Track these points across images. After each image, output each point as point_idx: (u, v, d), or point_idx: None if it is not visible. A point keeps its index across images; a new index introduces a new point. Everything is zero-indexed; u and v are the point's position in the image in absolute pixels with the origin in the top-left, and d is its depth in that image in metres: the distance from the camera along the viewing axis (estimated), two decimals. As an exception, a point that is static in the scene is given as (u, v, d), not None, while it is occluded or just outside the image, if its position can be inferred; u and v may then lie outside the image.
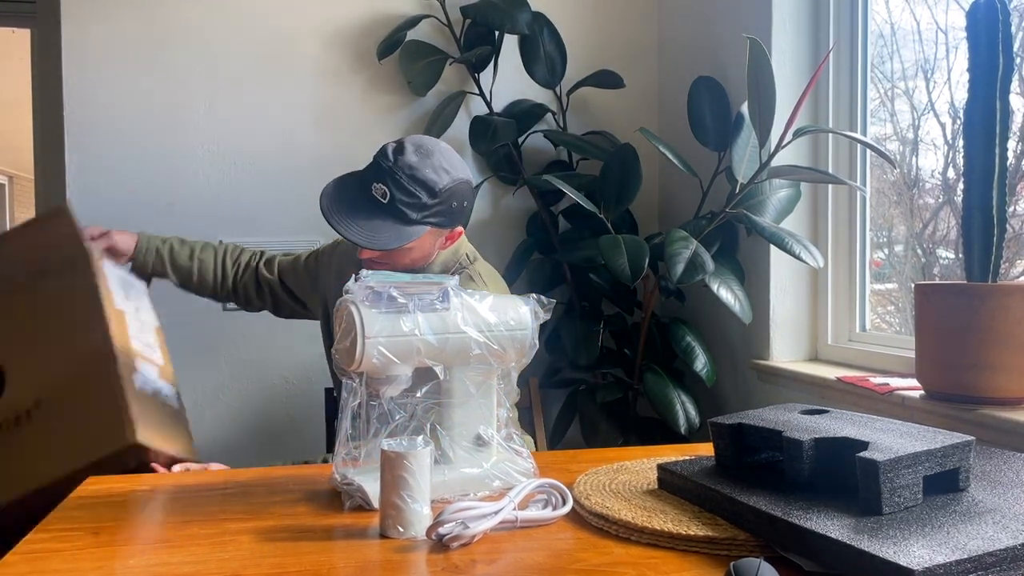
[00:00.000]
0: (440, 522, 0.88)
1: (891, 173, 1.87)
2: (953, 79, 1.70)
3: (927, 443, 0.86)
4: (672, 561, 0.84)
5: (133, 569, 0.84)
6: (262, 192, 2.17)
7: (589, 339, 2.07)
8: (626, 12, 2.41)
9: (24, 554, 0.89)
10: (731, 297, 1.80)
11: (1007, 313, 1.22)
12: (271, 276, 1.66)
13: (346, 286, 1.08)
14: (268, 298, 1.69)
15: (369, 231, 1.30)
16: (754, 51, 1.64)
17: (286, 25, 2.19)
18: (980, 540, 0.73)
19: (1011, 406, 1.24)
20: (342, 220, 1.30)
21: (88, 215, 2.10)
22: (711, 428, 1.03)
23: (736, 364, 2.05)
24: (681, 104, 2.06)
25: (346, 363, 1.03)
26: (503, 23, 2.06)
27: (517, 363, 1.12)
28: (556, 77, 2.19)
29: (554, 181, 1.90)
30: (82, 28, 2.08)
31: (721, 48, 2.08)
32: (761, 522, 0.84)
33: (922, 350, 1.34)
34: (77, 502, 1.09)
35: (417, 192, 1.31)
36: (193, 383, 2.14)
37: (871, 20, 1.82)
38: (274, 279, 1.66)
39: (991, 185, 1.25)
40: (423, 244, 1.37)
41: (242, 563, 0.85)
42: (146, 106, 2.12)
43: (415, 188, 1.31)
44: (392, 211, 1.31)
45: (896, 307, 1.89)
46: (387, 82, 2.24)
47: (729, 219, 1.86)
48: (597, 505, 0.97)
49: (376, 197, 1.31)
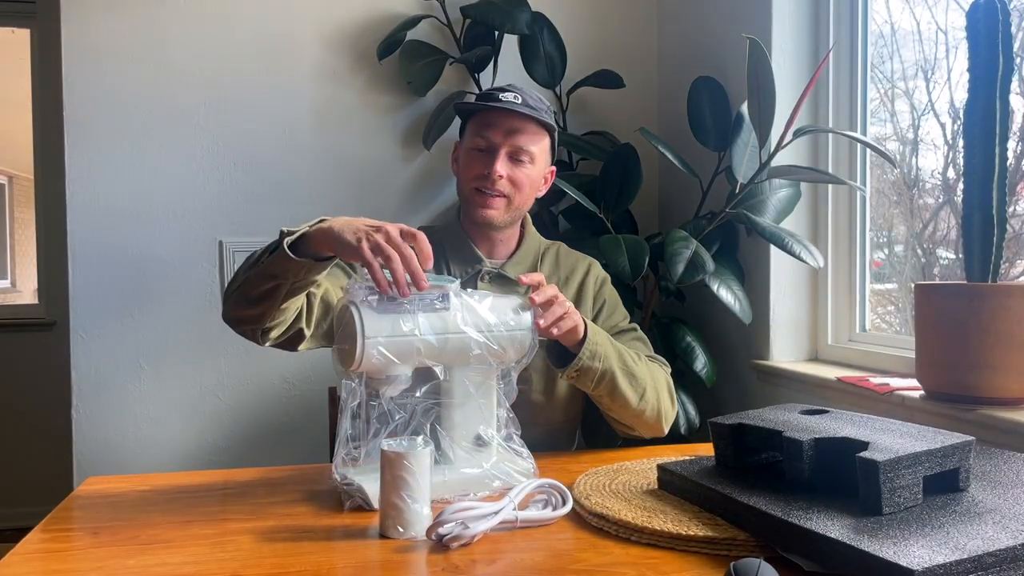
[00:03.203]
0: (440, 522, 0.88)
1: (891, 173, 1.87)
2: (953, 79, 1.70)
3: (927, 443, 0.86)
4: (672, 561, 0.84)
5: (133, 569, 0.84)
6: (262, 192, 2.17)
7: (589, 339, 2.07)
8: (626, 12, 2.41)
9: (24, 554, 0.89)
10: (731, 297, 1.80)
11: (1007, 313, 1.22)
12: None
13: (346, 285, 1.08)
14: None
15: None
16: (754, 51, 1.64)
17: (286, 25, 2.19)
18: (980, 540, 0.73)
19: (1011, 406, 1.24)
20: (495, 94, 1.35)
21: (88, 215, 2.11)
22: (711, 428, 1.03)
23: (736, 364, 2.05)
24: (681, 104, 2.06)
25: (346, 364, 1.03)
26: (503, 23, 2.06)
27: (517, 363, 1.12)
28: (556, 77, 2.19)
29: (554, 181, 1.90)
30: (82, 28, 2.08)
31: (721, 48, 2.08)
32: (761, 522, 0.84)
33: (922, 350, 1.34)
34: (77, 502, 1.09)
35: (541, 98, 1.39)
36: (193, 383, 2.14)
37: (871, 20, 1.82)
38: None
39: (991, 185, 1.25)
40: (542, 164, 1.40)
41: (242, 563, 0.85)
42: (146, 106, 2.12)
43: (538, 96, 1.40)
44: (538, 112, 1.36)
45: (896, 307, 1.89)
46: (387, 82, 2.24)
47: (729, 219, 1.86)
48: (597, 505, 0.97)
49: (510, 100, 1.35)
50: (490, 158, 1.34)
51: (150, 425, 2.13)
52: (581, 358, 1.22)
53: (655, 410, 1.34)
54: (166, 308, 2.14)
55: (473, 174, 1.37)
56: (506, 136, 1.34)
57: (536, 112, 1.35)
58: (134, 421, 2.12)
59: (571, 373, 1.24)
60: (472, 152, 1.38)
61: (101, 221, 2.10)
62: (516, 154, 1.35)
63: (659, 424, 1.36)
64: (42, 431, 3.41)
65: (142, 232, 2.12)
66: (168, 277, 2.13)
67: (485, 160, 1.35)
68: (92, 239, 2.09)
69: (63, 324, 2.49)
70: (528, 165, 1.37)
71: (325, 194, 2.20)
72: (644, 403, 1.31)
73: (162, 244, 2.13)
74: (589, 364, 1.23)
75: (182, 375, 2.14)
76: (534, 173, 1.39)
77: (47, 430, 3.33)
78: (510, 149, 1.35)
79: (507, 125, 1.35)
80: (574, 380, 1.26)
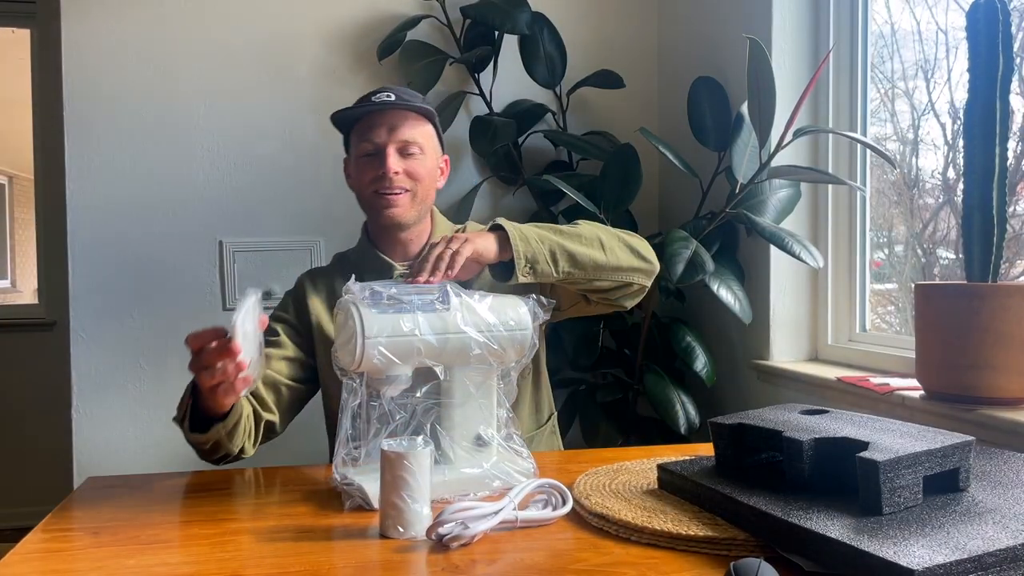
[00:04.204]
0: (440, 522, 0.88)
1: (891, 173, 1.87)
2: (953, 79, 1.70)
3: (927, 443, 0.86)
4: (672, 561, 0.84)
5: (133, 569, 0.84)
6: (262, 192, 2.17)
7: (589, 339, 2.07)
8: (626, 12, 2.41)
9: (24, 554, 0.89)
10: (731, 297, 1.80)
11: (1007, 313, 1.22)
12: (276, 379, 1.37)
13: (346, 286, 1.08)
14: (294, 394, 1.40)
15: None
16: (754, 51, 1.64)
17: (286, 25, 2.19)
18: (980, 540, 0.73)
19: (1011, 406, 1.24)
20: (383, 100, 1.34)
21: (88, 215, 2.11)
22: (711, 428, 1.03)
23: (736, 364, 2.05)
24: (681, 104, 2.06)
25: (346, 363, 1.03)
26: (503, 23, 2.06)
27: (517, 363, 1.12)
28: (556, 77, 2.19)
29: (554, 181, 1.90)
30: (82, 28, 2.08)
31: (721, 48, 2.08)
32: (761, 522, 0.84)
33: (922, 350, 1.34)
34: (77, 502, 1.09)
35: (415, 93, 1.40)
36: (193, 383, 2.14)
37: (871, 20, 1.82)
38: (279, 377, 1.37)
39: (991, 185, 1.25)
40: (433, 153, 1.39)
41: (242, 563, 0.85)
42: (146, 106, 2.12)
43: (411, 91, 1.40)
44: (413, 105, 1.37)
45: (896, 307, 1.89)
46: (387, 82, 2.23)
47: (729, 219, 1.86)
48: (597, 505, 0.97)
49: (384, 99, 1.34)
50: (380, 159, 1.32)
51: (150, 425, 2.13)
52: (517, 249, 1.19)
53: (627, 249, 1.30)
54: (166, 308, 2.14)
55: (368, 179, 1.34)
56: (390, 133, 1.33)
57: (412, 101, 1.35)
58: (134, 421, 2.12)
59: (523, 271, 1.20)
60: (362, 159, 1.36)
61: (101, 221, 2.10)
62: (405, 148, 1.34)
63: (644, 261, 1.33)
64: (42, 431, 3.41)
65: (142, 232, 2.12)
66: (168, 277, 2.13)
67: (376, 162, 1.33)
68: (92, 239, 2.09)
69: (63, 324, 2.49)
70: (420, 155, 1.35)
71: (325, 194, 2.20)
72: (611, 253, 1.28)
73: (162, 244, 2.13)
74: (526, 248, 1.20)
75: (182, 375, 2.13)
76: (428, 163, 1.37)
77: (47, 430, 3.33)
78: (398, 144, 1.33)
79: (388, 122, 1.33)
80: (531, 276, 1.21)
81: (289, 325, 1.41)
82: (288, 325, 1.41)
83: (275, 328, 1.40)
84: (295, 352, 1.39)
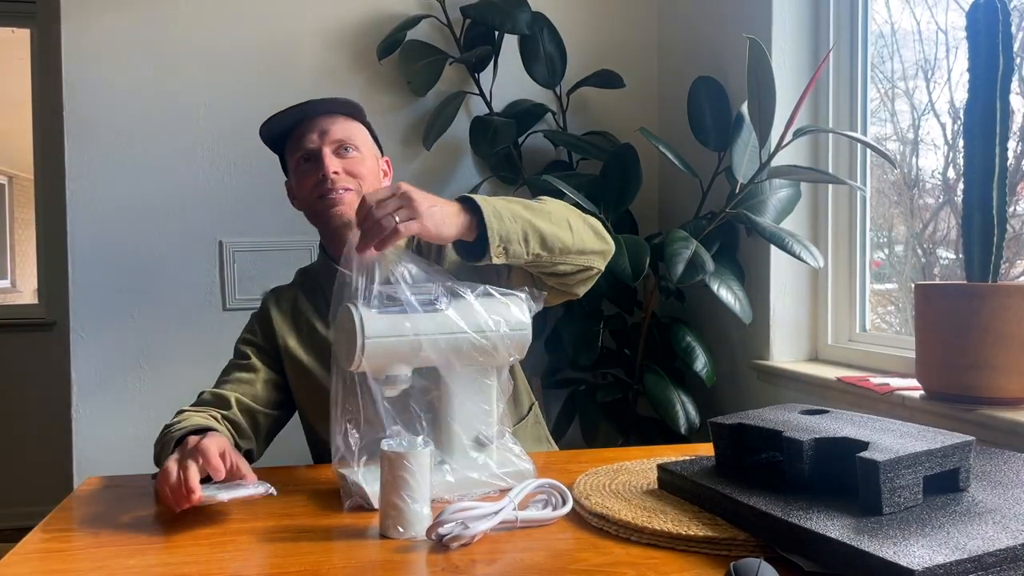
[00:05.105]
0: (440, 522, 0.88)
1: (891, 173, 1.87)
2: (953, 79, 1.70)
3: (927, 443, 0.86)
4: (672, 561, 0.84)
5: (133, 569, 0.84)
6: (262, 192, 2.17)
7: (589, 339, 2.07)
8: (626, 12, 2.41)
9: (24, 554, 0.89)
10: (731, 297, 1.80)
11: (1007, 313, 1.22)
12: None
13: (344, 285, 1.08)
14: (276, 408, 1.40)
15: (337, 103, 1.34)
16: (754, 51, 1.64)
17: (286, 25, 2.19)
18: (980, 540, 0.73)
19: (1011, 406, 1.24)
20: (306, 104, 1.32)
21: (88, 215, 2.11)
22: (711, 428, 1.03)
23: (736, 364, 2.05)
24: (681, 104, 2.06)
25: (346, 363, 1.03)
26: (503, 23, 2.06)
27: (515, 360, 1.12)
28: (556, 77, 2.19)
29: (554, 181, 1.90)
30: (82, 28, 2.08)
31: (721, 48, 2.08)
32: (761, 522, 0.84)
33: (922, 350, 1.34)
34: (77, 502, 1.09)
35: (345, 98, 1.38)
36: (193, 383, 2.14)
37: (871, 20, 1.82)
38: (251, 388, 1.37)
39: (991, 185, 1.25)
40: (370, 152, 1.37)
41: (242, 563, 0.85)
42: (146, 106, 2.12)
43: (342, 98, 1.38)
44: (338, 105, 1.36)
45: (896, 307, 1.89)
46: (387, 82, 2.24)
47: (729, 219, 1.86)
48: (597, 505, 0.97)
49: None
50: (317, 162, 1.31)
51: (150, 425, 2.12)
52: (492, 228, 1.06)
53: (590, 230, 1.21)
54: (166, 308, 2.14)
55: (310, 185, 1.32)
56: (322, 136, 1.32)
57: (336, 102, 1.34)
58: (134, 421, 2.12)
59: (497, 252, 1.07)
60: (300, 169, 1.34)
61: (101, 221, 2.10)
62: (340, 148, 1.32)
63: (605, 243, 1.23)
64: (42, 431, 3.41)
65: (142, 232, 2.12)
66: (168, 277, 2.13)
67: (314, 168, 1.31)
68: (92, 239, 2.09)
69: (63, 324, 2.49)
70: (356, 153, 1.33)
71: (325, 194, 2.19)
72: (577, 235, 1.18)
73: (162, 244, 2.13)
74: (500, 226, 1.07)
75: (182, 375, 2.13)
76: (368, 161, 1.35)
77: (47, 430, 3.34)
78: (332, 146, 1.32)
79: (318, 127, 1.32)
80: (504, 258, 1.09)
81: (258, 348, 1.40)
82: (257, 348, 1.40)
83: (245, 352, 1.39)
84: (268, 374, 1.38)
